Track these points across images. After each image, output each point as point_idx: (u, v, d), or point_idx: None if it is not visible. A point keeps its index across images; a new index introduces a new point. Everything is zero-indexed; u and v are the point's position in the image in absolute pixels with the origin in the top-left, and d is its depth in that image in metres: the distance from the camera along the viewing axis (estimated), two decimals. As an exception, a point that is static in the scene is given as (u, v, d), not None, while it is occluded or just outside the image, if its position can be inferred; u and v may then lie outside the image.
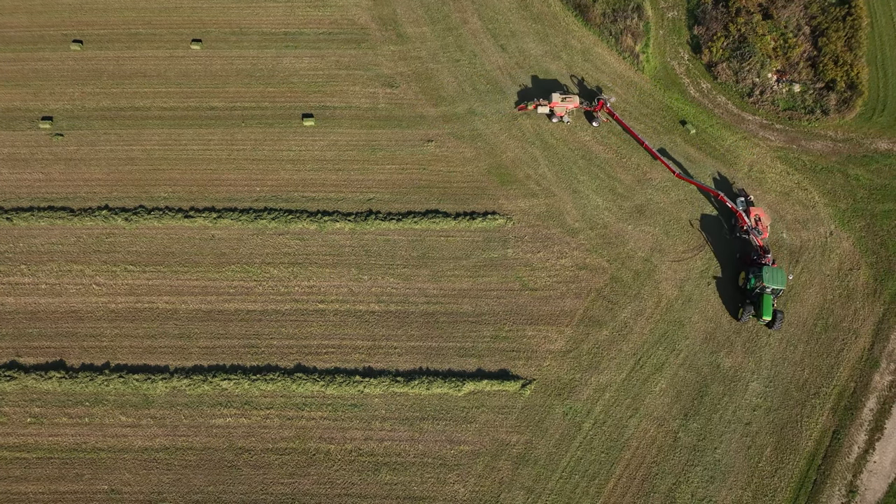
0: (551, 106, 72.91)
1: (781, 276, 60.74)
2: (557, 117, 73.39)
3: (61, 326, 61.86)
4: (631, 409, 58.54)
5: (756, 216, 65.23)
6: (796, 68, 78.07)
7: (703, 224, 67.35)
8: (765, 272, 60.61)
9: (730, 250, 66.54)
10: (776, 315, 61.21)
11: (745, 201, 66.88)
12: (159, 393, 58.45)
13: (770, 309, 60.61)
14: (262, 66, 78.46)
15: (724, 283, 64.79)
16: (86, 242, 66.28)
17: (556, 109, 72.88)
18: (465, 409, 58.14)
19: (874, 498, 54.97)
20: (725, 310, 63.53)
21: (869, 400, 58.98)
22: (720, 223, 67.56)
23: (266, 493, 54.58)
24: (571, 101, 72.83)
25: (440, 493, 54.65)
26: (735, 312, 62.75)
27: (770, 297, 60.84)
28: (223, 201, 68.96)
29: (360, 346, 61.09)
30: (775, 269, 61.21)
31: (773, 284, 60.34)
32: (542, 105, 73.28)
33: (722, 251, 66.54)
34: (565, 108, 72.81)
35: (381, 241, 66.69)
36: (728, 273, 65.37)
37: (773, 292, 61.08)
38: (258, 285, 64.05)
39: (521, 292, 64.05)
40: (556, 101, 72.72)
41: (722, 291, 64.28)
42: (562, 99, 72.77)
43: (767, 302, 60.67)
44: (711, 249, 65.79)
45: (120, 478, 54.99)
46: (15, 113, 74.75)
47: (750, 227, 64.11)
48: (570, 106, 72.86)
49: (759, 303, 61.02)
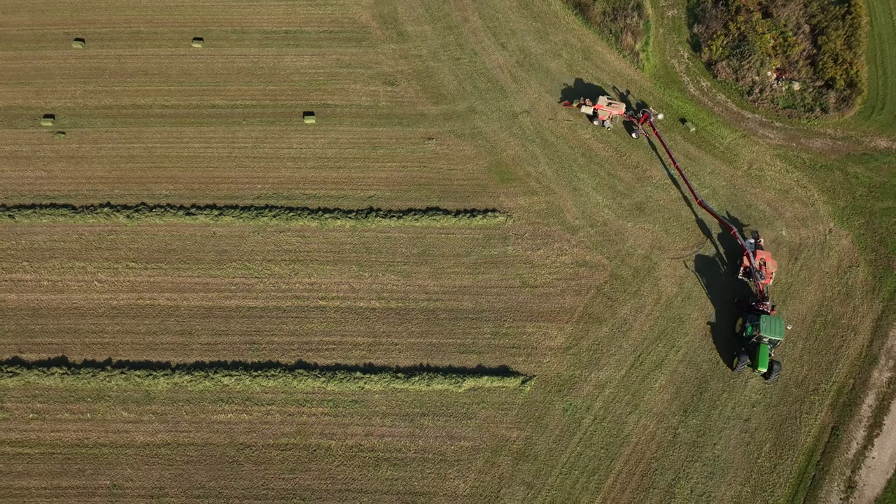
0: (596, 108, 72.33)
1: (780, 325, 58.04)
2: (599, 120, 72.82)
3: (63, 323, 62.11)
4: (631, 406, 58.76)
5: (762, 259, 62.27)
6: (796, 67, 78.30)
7: (698, 266, 65.16)
8: (762, 321, 58.01)
9: (729, 293, 64.15)
10: (773, 366, 58.25)
11: (754, 243, 63.99)
12: (161, 389, 58.70)
13: (766, 360, 57.73)
14: (264, 65, 78.74)
15: (719, 329, 62.40)
16: (88, 240, 66.52)
17: (599, 112, 72.23)
18: (466, 406, 58.36)
19: (872, 494, 55.17)
20: (719, 353, 61.27)
21: (868, 396, 59.19)
22: (716, 264, 65.30)
23: (267, 488, 54.81)
24: (617, 107, 72.06)
25: (440, 489, 54.87)
26: (730, 361, 59.93)
27: (767, 348, 58.00)
28: (224, 199, 69.20)
29: (360, 343, 61.32)
30: (774, 317, 58.51)
31: (771, 335, 57.68)
32: (587, 106, 72.82)
33: (718, 294, 64.17)
34: (609, 113, 72.10)
35: (382, 239, 66.93)
36: (723, 317, 62.88)
37: (771, 342, 58.40)
38: (259, 282, 64.29)
39: (522, 289, 64.26)
40: (601, 104, 72.12)
41: (717, 338, 61.75)
42: (608, 103, 72.09)
43: (764, 352, 57.79)
44: (703, 284, 63.85)
45: (122, 473, 55.22)
46: (17, 111, 75.07)
47: (753, 269, 61.36)
48: (615, 112, 72.04)
49: (756, 353, 58.28)
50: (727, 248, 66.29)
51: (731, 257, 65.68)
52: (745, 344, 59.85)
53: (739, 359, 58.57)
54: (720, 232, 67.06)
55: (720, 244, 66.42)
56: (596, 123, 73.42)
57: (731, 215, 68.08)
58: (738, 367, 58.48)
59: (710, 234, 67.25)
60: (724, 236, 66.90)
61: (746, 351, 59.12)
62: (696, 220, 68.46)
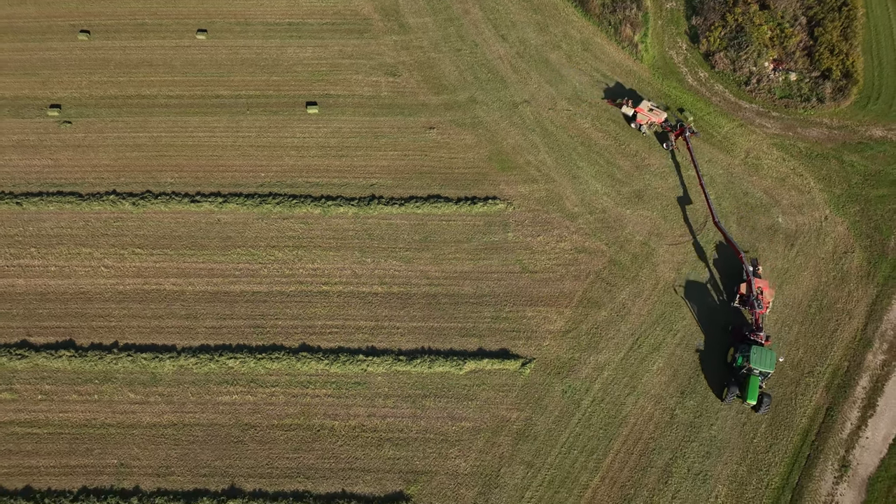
0: (636, 110, 72.50)
1: (771, 358, 56.63)
2: (637, 124, 72.92)
3: (70, 307, 63.08)
4: (629, 388, 59.70)
5: (759, 288, 60.54)
6: (792, 58, 79.28)
7: (688, 293, 63.94)
8: (753, 352, 56.60)
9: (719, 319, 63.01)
10: (762, 399, 56.84)
11: (752, 270, 62.44)
12: (167, 371, 59.66)
13: (756, 392, 56.27)
14: (267, 56, 79.75)
15: (709, 356, 61.11)
16: (94, 226, 67.51)
17: (639, 115, 72.35)
18: (467, 387, 59.33)
19: (866, 472, 56.10)
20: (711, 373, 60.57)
21: (862, 378, 60.12)
22: (707, 290, 64.11)
23: (272, 467, 55.76)
24: (658, 115, 72.12)
25: (442, 468, 55.84)
26: (720, 391, 58.66)
27: (757, 379, 56.64)
28: (229, 186, 70.20)
29: (363, 327, 62.29)
30: (765, 349, 57.05)
31: (761, 367, 56.42)
32: (628, 107, 72.99)
33: (708, 321, 62.88)
34: (648, 119, 72.27)
35: (384, 226, 67.90)
36: (713, 344, 61.62)
37: (762, 374, 57.14)
38: (263, 268, 65.28)
39: (522, 275, 65.23)
40: (642, 108, 72.22)
41: (707, 367, 60.41)
42: (649, 109, 72.18)
43: (754, 384, 56.41)
44: (696, 317, 62.60)
45: (129, 452, 56.20)
46: (24, 101, 76.11)
47: (752, 297, 59.70)
48: (654, 119, 72.15)
49: (746, 384, 56.91)
50: (722, 272, 65.26)
51: (727, 281, 64.56)
52: (735, 374, 58.45)
53: (729, 389, 57.09)
54: (718, 246, 67.93)
55: (714, 268, 66.69)
56: (633, 126, 73.43)
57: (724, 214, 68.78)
58: (728, 398, 57.08)
59: (693, 305, 65.01)
60: (721, 260, 66.06)
61: (736, 381, 57.85)
62: (692, 208, 69.36)
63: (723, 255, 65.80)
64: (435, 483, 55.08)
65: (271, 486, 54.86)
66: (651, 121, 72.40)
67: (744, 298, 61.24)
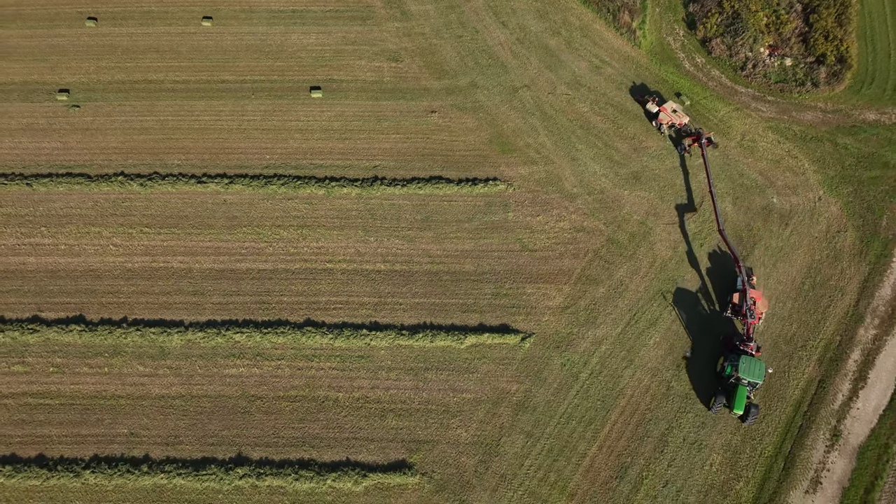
0: (661, 109, 72.92)
1: (760, 368, 56.22)
2: (658, 122, 73.25)
3: (80, 284, 64.53)
4: (626, 361, 61.12)
5: (752, 298, 60.22)
6: (788, 44, 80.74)
7: (677, 300, 63.74)
8: (742, 362, 56.23)
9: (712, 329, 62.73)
10: (749, 409, 56.33)
11: (746, 280, 61.73)
12: (175, 345, 61.10)
13: (743, 402, 55.74)
14: (271, 42, 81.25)
15: (698, 364, 60.88)
16: (103, 206, 68.96)
17: (661, 115, 72.73)
18: (468, 361, 60.75)
19: (857, 442, 57.51)
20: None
21: (853, 352, 61.53)
22: (696, 300, 63.84)
23: (278, 436, 57.20)
24: (680, 118, 72.37)
25: (444, 437, 57.26)
26: (707, 400, 58.30)
27: (745, 389, 56.24)
28: (234, 168, 71.67)
29: (366, 303, 63.71)
30: (754, 360, 56.68)
31: (749, 377, 55.99)
32: (653, 104, 73.60)
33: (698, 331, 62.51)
34: (670, 119, 72.49)
35: (387, 206, 69.35)
36: (704, 353, 61.42)
37: (750, 384, 56.63)
38: (269, 246, 66.72)
39: (521, 253, 66.66)
40: (666, 108, 72.66)
41: (695, 377, 60.08)
42: (672, 110, 72.53)
43: (741, 394, 55.92)
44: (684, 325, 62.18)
45: (138, 422, 57.63)
46: (33, 86, 77.63)
47: (746, 307, 59.23)
48: (676, 121, 72.28)
49: (733, 394, 56.47)
50: (715, 281, 64.98)
51: (719, 289, 64.50)
52: (723, 383, 58.09)
53: (716, 399, 56.76)
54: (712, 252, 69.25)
55: (708, 277, 68.06)
56: (653, 124, 73.90)
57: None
58: (714, 407, 56.74)
59: (682, 312, 65.59)
60: (715, 269, 65.97)
61: (724, 391, 57.38)
62: (689, 189, 70.81)
63: (716, 263, 66.20)
64: (437, 452, 56.52)
65: (277, 455, 56.28)
66: (672, 122, 72.50)
67: (736, 308, 60.92)
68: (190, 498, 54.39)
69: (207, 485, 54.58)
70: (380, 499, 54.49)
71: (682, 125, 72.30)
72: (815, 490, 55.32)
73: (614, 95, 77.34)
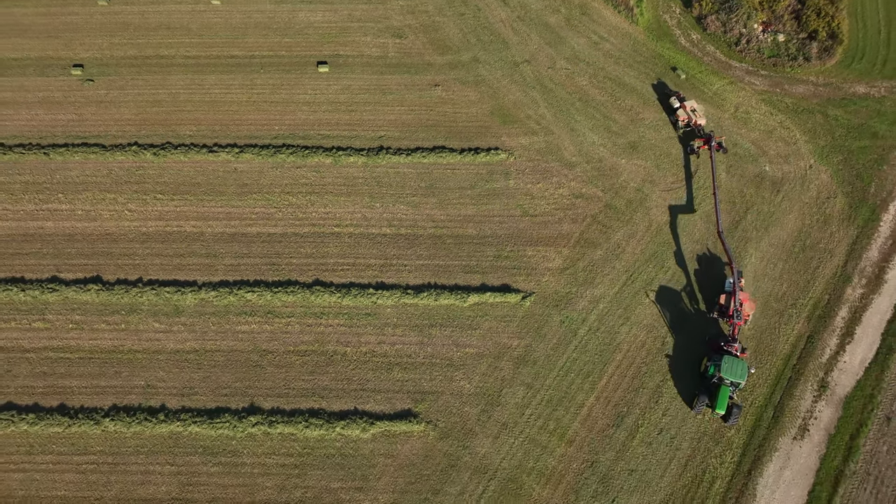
0: (682, 106, 73.83)
1: (742, 369, 56.60)
2: (675, 117, 74.07)
3: (97, 247, 66.96)
4: (623, 318, 63.55)
5: (739, 301, 60.13)
6: (781, 20, 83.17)
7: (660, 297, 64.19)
8: (724, 362, 56.64)
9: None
10: (732, 409, 56.63)
11: (733, 283, 61.61)
12: (189, 303, 63.53)
13: (725, 402, 56.04)
14: (279, 20, 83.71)
15: (680, 364, 61.21)
16: (118, 174, 71.40)
17: (680, 112, 73.53)
18: (470, 318, 63.18)
19: (843, 392, 59.93)
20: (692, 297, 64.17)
21: (841, 310, 63.95)
22: (679, 298, 64.33)
23: (289, 388, 59.64)
24: (698, 118, 72.92)
25: (448, 388, 59.71)
26: (691, 400, 58.54)
27: (727, 390, 56.47)
28: (244, 138, 74.12)
29: (373, 265, 66.13)
30: (737, 360, 57.10)
31: (731, 377, 56.31)
32: (676, 99, 74.42)
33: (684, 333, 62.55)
34: (687, 117, 73.25)
35: (392, 174, 71.78)
36: (687, 354, 61.69)
37: (732, 384, 57.08)
38: (278, 211, 69.16)
39: (522, 218, 69.10)
40: (687, 105, 73.48)
41: (678, 377, 60.40)
42: (692, 109, 73.32)
43: (724, 394, 56.23)
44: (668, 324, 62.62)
45: (155, 375, 60.08)
46: (48, 61, 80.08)
47: (735, 308, 59.50)
48: (693, 119, 72.89)
49: (716, 394, 56.89)
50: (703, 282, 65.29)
51: (706, 289, 64.95)
52: (706, 383, 58.50)
53: (699, 398, 57.02)
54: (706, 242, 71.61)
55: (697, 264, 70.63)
56: (671, 120, 74.88)
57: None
58: (697, 407, 57.04)
59: (666, 312, 68.93)
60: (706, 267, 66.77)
61: (707, 390, 57.64)
62: (683, 157, 73.25)
63: (704, 265, 66.63)
64: (441, 402, 58.96)
65: (288, 405, 58.72)
66: (689, 119, 73.13)
67: (722, 309, 61.38)
68: (205, 444, 56.83)
69: (221, 432, 57.01)
70: (386, 445, 56.95)
71: (698, 125, 72.90)
72: (802, 436, 57.75)
73: (612, 70, 79.75)
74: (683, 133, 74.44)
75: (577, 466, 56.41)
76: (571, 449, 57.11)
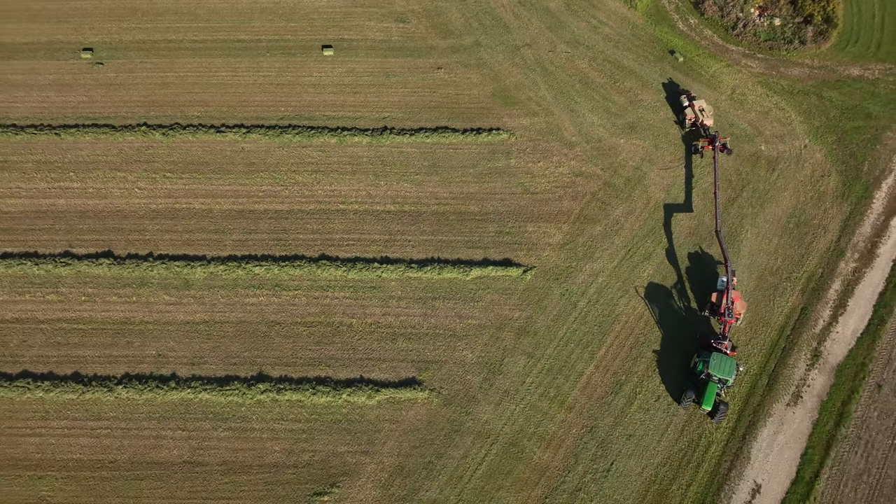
0: (690, 105, 74.18)
1: (731, 366, 56.94)
2: (683, 115, 74.52)
3: (108, 223, 68.61)
4: (621, 291, 65.19)
5: (730, 299, 60.31)
6: (777, 4, 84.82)
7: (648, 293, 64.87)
8: (713, 359, 56.99)
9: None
10: (718, 407, 57.05)
11: (724, 282, 61.92)
12: (198, 277, 65.19)
13: (711, 399, 56.50)
14: (284, 5, 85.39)
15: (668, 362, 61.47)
16: (127, 154, 73.07)
17: (688, 111, 74.03)
18: (473, 291, 64.82)
19: (835, 361, 61.57)
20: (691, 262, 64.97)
21: (834, 283, 65.59)
22: (670, 295, 64.86)
23: (296, 357, 61.29)
24: (706, 118, 73.50)
25: (451, 358, 61.36)
26: (678, 397, 58.79)
27: (715, 387, 56.84)
28: (251, 119, 75.76)
29: (377, 240, 67.78)
30: (726, 357, 57.42)
31: (719, 374, 56.61)
32: (686, 99, 74.86)
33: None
34: (695, 116, 73.44)
35: (396, 153, 73.42)
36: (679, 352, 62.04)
37: (720, 381, 57.40)
38: (285, 189, 70.81)
39: (523, 195, 70.73)
40: (695, 105, 73.90)
41: (667, 375, 60.59)
42: (700, 109, 73.93)
43: (711, 391, 56.64)
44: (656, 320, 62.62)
45: (165, 345, 61.74)
46: (58, 45, 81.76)
47: (727, 307, 59.72)
48: (700, 119, 73.20)
49: (703, 390, 57.28)
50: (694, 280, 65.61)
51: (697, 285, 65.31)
52: (694, 380, 59.01)
53: (686, 394, 57.37)
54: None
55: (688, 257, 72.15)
56: (679, 117, 75.43)
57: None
58: (684, 402, 57.49)
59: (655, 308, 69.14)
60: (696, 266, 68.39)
61: (694, 387, 58.15)
62: (681, 137, 74.87)
63: (695, 264, 66.94)
64: (444, 370, 60.62)
65: (296, 373, 60.38)
66: (696, 118, 73.46)
67: (713, 307, 61.54)
68: (215, 410, 58.50)
69: (231, 399, 58.69)
70: (391, 411, 58.61)
71: (704, 125, 73.37)
72: (795, 403, 59.41)
73: (611, 53, 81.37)
74: (689, 131, 75.14)
75: (577, 431, 58.06)
76: (571, 415, 58.76)
